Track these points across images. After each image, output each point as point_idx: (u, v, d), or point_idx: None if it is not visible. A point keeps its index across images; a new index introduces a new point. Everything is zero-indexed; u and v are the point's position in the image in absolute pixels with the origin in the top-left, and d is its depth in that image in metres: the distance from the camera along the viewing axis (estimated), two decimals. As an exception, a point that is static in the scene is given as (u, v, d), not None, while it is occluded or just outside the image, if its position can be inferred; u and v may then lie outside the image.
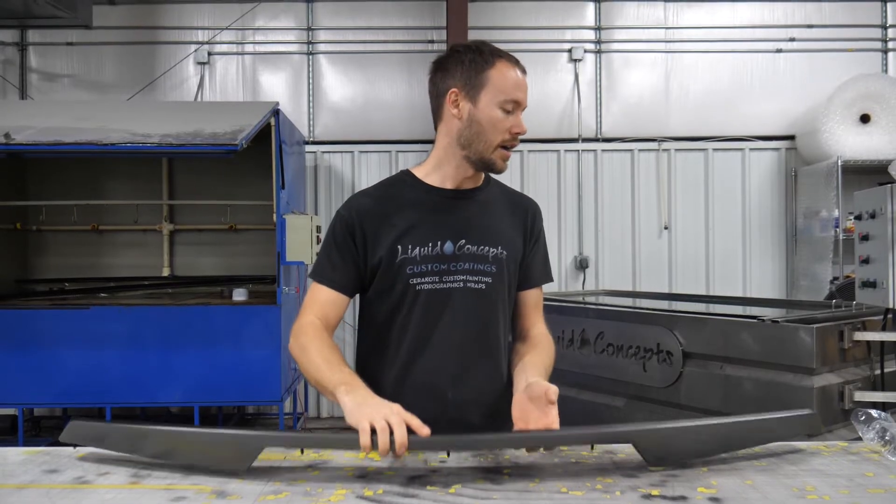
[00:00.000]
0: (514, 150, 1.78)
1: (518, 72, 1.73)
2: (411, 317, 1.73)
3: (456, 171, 1.77)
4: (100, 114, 5.64)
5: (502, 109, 1.69)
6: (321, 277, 1.76)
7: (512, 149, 1.74)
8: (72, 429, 1.51)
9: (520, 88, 1.72)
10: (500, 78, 1.70)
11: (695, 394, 3.39)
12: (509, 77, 1.71)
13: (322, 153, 6.85)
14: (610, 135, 6.89)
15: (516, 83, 1.71)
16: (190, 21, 6.88)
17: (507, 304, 1.82)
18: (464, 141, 1.73)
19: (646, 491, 1.26)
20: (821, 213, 6.26)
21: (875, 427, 1.51)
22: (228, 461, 1.38)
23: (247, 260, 6.60)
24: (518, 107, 1.72)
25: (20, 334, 5.11)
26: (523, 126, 1.72)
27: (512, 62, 1.74)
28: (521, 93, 1.72)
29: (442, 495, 1.25)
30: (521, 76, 1.73)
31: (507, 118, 1.70)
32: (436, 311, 1.72)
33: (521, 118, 1.72)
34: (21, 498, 1.26)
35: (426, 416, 1.72)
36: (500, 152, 1.72)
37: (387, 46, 6.87)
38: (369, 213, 1.74)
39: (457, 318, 1.72)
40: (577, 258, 6.76)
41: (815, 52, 6.85)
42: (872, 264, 3.27)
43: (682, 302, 4.88)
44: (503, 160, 1.74)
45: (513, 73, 1.72)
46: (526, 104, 1.73)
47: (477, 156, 1.73)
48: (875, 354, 3.20)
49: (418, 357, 1.72)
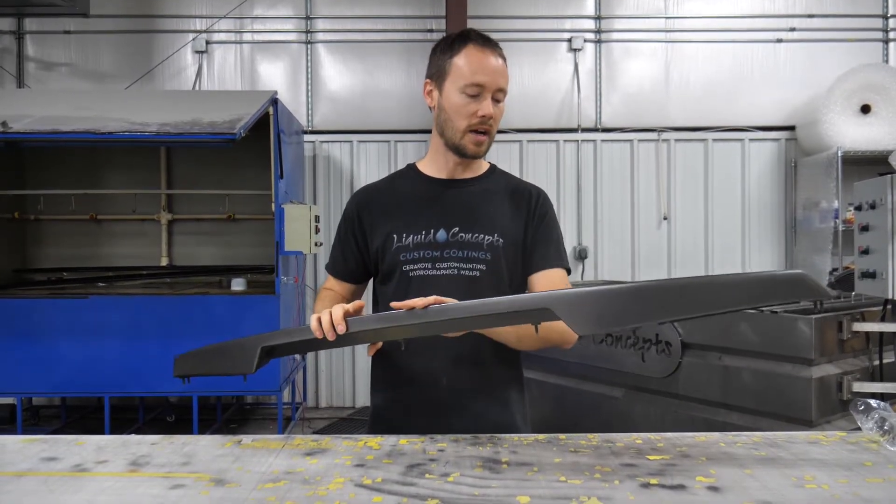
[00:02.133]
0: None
1: (485, 55, 1.71)
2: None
3: (445, 160, 1.82)
4: (97, 103, 5.63)
5: (465, 94, 1.70)
6: (329, 268, 1.93)
7: (486, 133, 1.73)
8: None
9: (483, 72, 1.69)
10: (463, 63, 1.71)
11: (693, 384, 3.40)
12: (472, 62, 1.70)
13: (321, 143, 6.83)
14: (609, 125, 6.87)
15: (479, 67, 1.70)
16: (188, 9, 6.84)
17: (510, 289, 1.79)
18: (440, 129, 1.79)
19: (644, 479, 1.26)
20: (820, 203, 6.25)
21: (874, 417, 1.51)
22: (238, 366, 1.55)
23: (245, 250, 6.60)
24: (483, 89, 1.69)
25: (18, 324, 5.11)
26: (489, 109, 1.70)
27: (481, 46, 1.72)
28: (485, 76, 1.69)
29: (440, 484, 1.25)
30: (488, 59, 1.71)
31: (472, 102, 1.70)
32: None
33: (488, 101, 1.70)
34: (19, 485, 1.26)
35: (422, 400, 1.76)
36: (471, 136, 1.73)
37: (386, 35, 6.84)
38: (368, 205, 1.84)
39: None
40: (577, 248, 6.76)
41: (815, 42, 6.83)
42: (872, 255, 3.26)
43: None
44: (475, 144, 1.74)
45: (477, 58, 1.71)
46: (496, 86, 1.70)
47: (450, 142, 1.76)
48: (874, 345, 3.20)
49: (413, 343, 1.73)
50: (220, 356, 1.62)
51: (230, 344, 1.60)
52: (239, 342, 1.58)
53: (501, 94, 1.73)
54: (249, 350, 1.55)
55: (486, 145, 1.76)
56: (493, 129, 1.75)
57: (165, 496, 1.20)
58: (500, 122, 1.80)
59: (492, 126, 1.74)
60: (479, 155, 1.78)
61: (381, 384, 1.85)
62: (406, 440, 1.53)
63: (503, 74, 1.72)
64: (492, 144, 1.80)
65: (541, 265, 1.80)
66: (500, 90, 1.72)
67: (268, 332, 1.59)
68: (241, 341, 1.58)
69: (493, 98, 1.71)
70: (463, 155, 1.77)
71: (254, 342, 1.56)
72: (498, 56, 1.73)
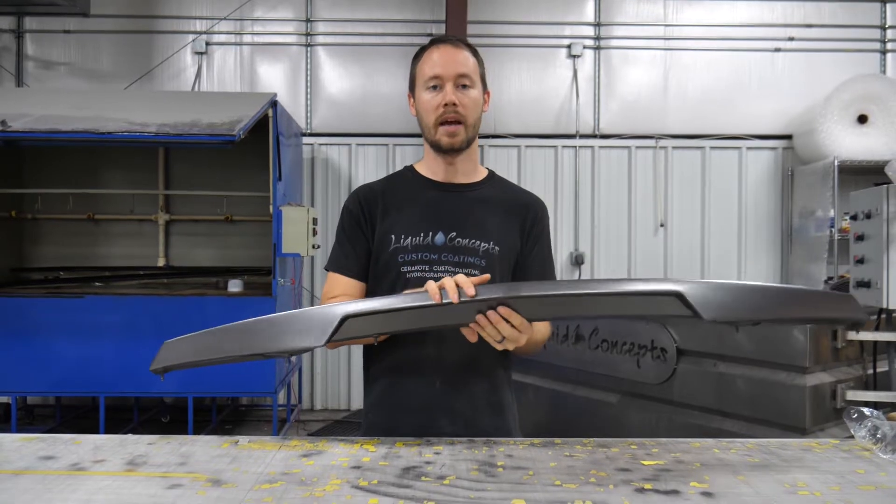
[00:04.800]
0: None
1: (441, 49, 1.75)
2: None
3: (436, 163, 1.84)
4: (97, 103, 5.63)
5: (429, 90, 1.74)
6: (336, 267, 1.84)
7: (457, 122, 1.73)
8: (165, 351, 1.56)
9: (437, 63, 1.73)
10: (423, 65, 1.77)
11: (688, 391, 3.41)
12: (429, 59, 1.75)
13: (319, 145, 6.84)
14: (607, 131, 6.90)
15: (435, 60, 1.74)
16: (188, 10, 6.85)
17: None
18: (422, 133, 1.82)
19: (639, 485, 1.27)
20: (816, 212, 6.27)
21: (867, 425, 1.52)
22: (308, 337, 1.43)
23: (242, 251, 6.60)
24: (442, 80, 1.72)
25: (14, 323, 5.10)
26: (450, 95, 1.71)
27: (438, 45, 1.76)
28: (440, 66, 1.73)
29: (437, 486, 1.26)
30: (443, 52, 1.74)
31: (435, 96, 1.73)
32: None
33: (449, 89, 1.72)
34: (16, 484, 1.27)
35: (415, 403, 1.76)
36: (442, 129, 1.74)
37: (385, 39, 6.86)
38: (371, 201, 1.83)
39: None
40: (573, 254, 6.77)
41: (813, 51, 6.86)
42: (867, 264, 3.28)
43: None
44: (448, 136, 1.75)
45: (433, 54, 1.75)
46: (454, 73, 1.72)
47: (429, 141, 1.80)
48: (868, 354, 3.22)
49: (407, 346, 1.74)
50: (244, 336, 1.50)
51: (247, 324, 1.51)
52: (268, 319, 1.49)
53: (466, 80, 1.74)
54: (315, 320, 1.44)
55: (461, 135, 1.75)
56: (468, 117, 1.74)
57: (162, 496, 1.21)
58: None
59: (461, 113, 1.73)
60: (454, 146, 1.76)
61: (374, 385, 1.84)
62: (402, 443, 1.53)
63: (462, 63, 1.73)
64: (473, 137, 1.78)
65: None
66: (460, 76, 1.73)
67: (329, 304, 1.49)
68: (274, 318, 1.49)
69: (459, 84, 1.73)
70: (440, 150, 1.77)
71: (319, 314, 1.44)
72: (458, 48, 1.75)
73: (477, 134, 1.81)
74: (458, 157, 1.80)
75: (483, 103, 1.80)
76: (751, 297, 1.44)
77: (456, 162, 1.81)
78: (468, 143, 1.78)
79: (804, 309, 1.48)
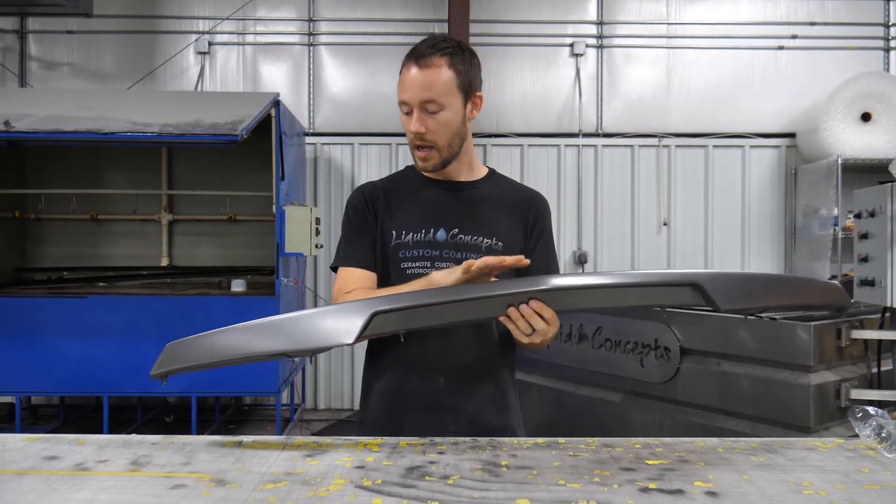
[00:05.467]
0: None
1: (409, 70, 1.70)
2: None
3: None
4: (100, 103, 5.64)
5: (402, 112, 1.74)
6: (347, 261, 1.82)
7: (424, 148, 1.72)
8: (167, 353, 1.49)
9: (403, 88, 1.71)
10: (399, 84, 1.74)
11: (692, 390, 3.40)
12: (401, 80, 1.72)
13: (322, 145, 6.84)
14: (610, 130, 6.89)
15: (403, 84, 1.71)
16: (191, 10, 6.85)
17: None
18: None
19: (643, 484, 1.26)
20: (820, 211, 6.26)
21: (871, 424, 1.51)
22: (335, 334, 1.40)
23: (245, 251, 6.60)
24: (409, 106, 1.70)
25: (18, 323, 5.11)
26: (415, 125, 1.69)
27: (408, 61, 1.72)
28: (404, 91, 1.70)
29: (441, 486, 1.26)
30: (409, 74, 1.70)
31: (407, 120, 1.72)
32: None
33: (415, 116, 1.69)
34: (20, 484, 1.27)
35: (419, 401, 1.75)
36: (416, 152, 1.75)
37: (388, 39, 6.85)
38: (374, 197, 1.84)
39: None
40: (576, 253, 6.77)
41: (816, 49, 6.85)
42: (871, 263, 3.27)
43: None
44: (421, 160, 1.76)
45: (403, 75, 1.72)
46: (418, 100, 1.68)
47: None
48: (872, 353, 3.21)
49: (410, 343, 1.73)
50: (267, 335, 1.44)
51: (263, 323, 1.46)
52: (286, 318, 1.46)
53: (432, 105, 1.68)
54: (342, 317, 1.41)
55: (434, 159, 1.74)
56: (438, 140, 1.72)
57: (166, 496, 1.21)
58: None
59: (428, 140, 1.71)
60: (427, 169, 1.77)
61: (375, 382, 1.84)
62: (406, 442, 1.53)
63: (427, 86, 1.67)
64: (450, 156, 1.76)
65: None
66: (426, 102, 1.68)
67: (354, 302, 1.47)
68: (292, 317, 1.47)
69: (426, 110, 1.69)
70: (419, 169, 1.80)
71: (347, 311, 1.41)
72: (424, 67, 1.68)
73: (460, 146, 1.78)
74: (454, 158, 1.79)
75: (465, 115, 1.75)
76: (760, 286, 1.54)
77: (451, 168, 1.81)
78: (444, 163, 1.76)
79: (802, 296, 1.62)
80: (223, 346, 1.45)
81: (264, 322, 1.45)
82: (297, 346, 1.44)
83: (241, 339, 1.45)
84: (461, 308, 1.44)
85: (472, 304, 1.44)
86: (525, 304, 1.45)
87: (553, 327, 1.50)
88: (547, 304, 1.46)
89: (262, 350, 1.44)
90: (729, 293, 1.44)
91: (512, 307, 1.46)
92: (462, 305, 1.44)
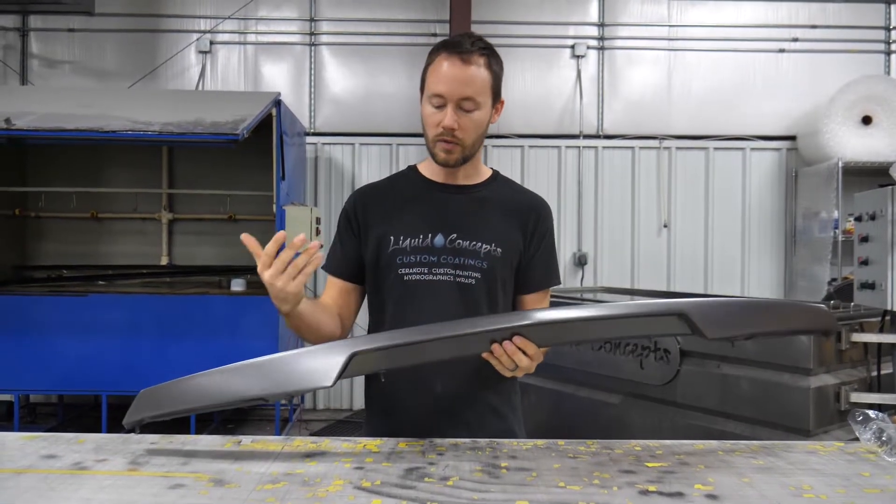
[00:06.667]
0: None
1: (451, 63, 1.65)
2: (399, 307, 1.74)
3: (436, 165, 1.79)
4: (101, 101, 5.63)
5: (431, 105, 1.68)
6: (328, 267, 1.84)
7: (452, 142, 1.69)
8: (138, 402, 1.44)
9: (443, 81, 1.65)
10: (431, 74, 1.69)
11: (691, 392, 3.40)
12: (437, 71, 1.67)
13: (323, 145, 6.84)
14: (611, 132, 6.89)
15: (440, 76, 1.66)
16: (192, 9, 6.86)
17: (502, 301, 1.78)
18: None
19: (643, 486, 1.26)
20: (820, 213, 6.26)
21: (872, 428, 1.51)
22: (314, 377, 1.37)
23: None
24: (445, 100, 1.65)
25: (17, 320, 5.11)
26: (449, 120, 1.65)
27: (448, 54, 1.66)
28: (444, 85, 1.65)
29: (440, 487, 1.25)
30: (451, 68, 1.65)
31: (436, 113, 1.67)
32: (423, 303, 1.72)
33: (450, 111, 1.65)
34: (19, 483, 1.26)
35: (416, 408, 1.74)
36: (440, 145, 1.70)
37: (389, 39, 6.86)
38: (367, 204, 1.81)
39: (442, 312, 1.67)
40: (576, 254, 6.76)
41: (817, 52, 6.85)
42: (871, 266, 3.27)
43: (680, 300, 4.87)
44: (444, 152, 1.70)
45: (442, 67, 1.66)
46: (458, 96, 1.64)
47: (428, 149, 1.76)
48: (872, 356, 3.21)
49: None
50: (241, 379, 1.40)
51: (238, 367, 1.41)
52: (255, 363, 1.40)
53: (469, 104, 1.66)
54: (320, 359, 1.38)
55: (456, 154, 1.71)
56: (466, 139, 1.69)
57: (165, 496, 1.21)
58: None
59: (458, 137, 1.68)
60: (449, 163, 1.73)
61: (374, 389, 1.82)
62: (405, 443, 1.53)
63: (468, 82, 1.65)
64: (471, 154, 1.74)
65: (534, 287, 1.82)
66: (465, 99, 1.65)
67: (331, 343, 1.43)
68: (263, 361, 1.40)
69: (462, 108, 1.66)
70: (436, 161, 1.75)
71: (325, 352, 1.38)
72: (467, 63, 1.65)
73: (479, 148, 1.78)
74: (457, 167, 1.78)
75: (490, 118, 1.74)
76: (746, 313, 1.53)
77: (456, 169, 1.79)
78: (464, 160, 1.74)
79: (789, 322, 1.61)
80: (199, 392, 1.42)
81: (241, 366, 1.41)
82: (275, 390, 1.41)
83: (218, 384, 1.41)
84: (443, 346, 1.43)
85: (454, 342, 1.42)
86: (508, 339, 1.43)
87: (536, 362, 1.49)
88: (530, 339, 1.43)
89: (239, 395, 1.40)
90: (715, 321, 1.44)
91: (496, 343, 1.44)
92: (443, 343, 1.42)
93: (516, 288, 1.81)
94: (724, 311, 1.50)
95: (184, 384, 1.43)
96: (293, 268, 1.47)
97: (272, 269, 1.48)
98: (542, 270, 1.82)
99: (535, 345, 1.44)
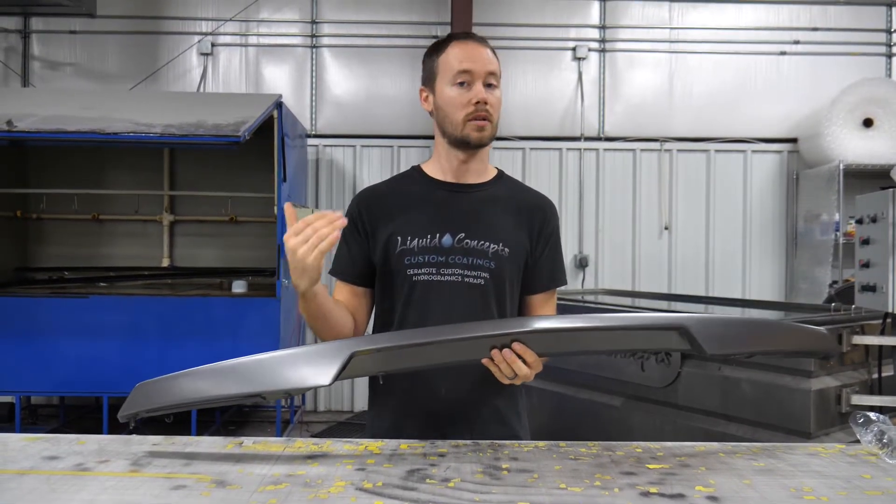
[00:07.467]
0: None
1: (470, 45, 1.73)
2: (408, 308, 1.73)
3: (448, 162, 1.80)
4: (103, 103, 5.64)
5: (456, 85, 1.70)
6: (334, 271, 1.82)
7: (483, 119, 1.70)
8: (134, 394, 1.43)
9: (468, 59, 1.70)
10: (449, 59, 1.73)
11: (693, 394, 3.39)
12: (458, 53, 1.72)
13: (324, 147, 6.85)
14: (612, 134, 6.89)
15: (465, 56, 1.71)
16: (194, 12, 6.87)
17: (509, 301, 1.78)
18: (440, 129, 1.78)
19: (644, 488, 1.26)
20: (821, 216, 6.26)
21: (873, 430, 1.51)
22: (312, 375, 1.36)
23: (247, 252, 6.61)
24: (473, 76, 1.69)
25: (19, 322, 5.11)
26: (482, 93, 1.69)
27: (464, 40, 1.75)
28: (471, 62, 1.70)
29: (441, 489, 1.25)
30: (473, 49, 1.72)
31: (465, 92, 1.70)
32: (431, 304, 1.71)
33: (480, 86, 1.69)
34: (21, 484, 1.27)
35: (422, 410, 1.73)
36: (471, 124, 1.71)
37: (391, 41, 6.87)
38: (373, 205, 1.79)
39: (452, 312, 1.69)
40: (577, 257, 6.76)
41: (819, 55, 6.85)
42: (872, 268, 3.28)
43: (681, 303, 4.88)
44: (477, 130, 1.71)
45: (460, 49, 1.72)
46: (485, 71, 1.70)
47: (452, 137, 1.75)
48: (873, 358, 3.20)
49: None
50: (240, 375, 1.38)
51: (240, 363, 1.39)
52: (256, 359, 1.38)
53: (494, 79, 1.72)
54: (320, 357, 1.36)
55: (488, 131, 1.73)
56: (494, 116, 1.73)
57: (167, 497, 1.21)
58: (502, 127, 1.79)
59: (489, 112, 1.71)
60: (483, 142, 1.74)
61: (378, 393, 1.82)
62: (407, 445, 1.53)
63: (491, 61, 1.72)
64: (495, 133, 1.77)
65: (540, 287, 1.83)
66: (490, 74, 1.71)
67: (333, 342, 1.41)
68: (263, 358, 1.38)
69: (486, 84, 1.71)
70: (468, 146, 1.74)
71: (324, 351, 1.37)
72: (483, 46, 1.73)
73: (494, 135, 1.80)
74: (476, 155, 1.79)
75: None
76: (747, 332, 1.56)
77: (471, 160, 1.79)
78: (491, 139, 1.77)
79: (789, 342, 1.63)
80: (196, 387, 1.40)
81: (239, 362, 1.40)
82: (272, 388, 1.39)
83: (215, 379, 1.40)
84: (443, 349, 1.42)
85: (455, 346, 1.42)
86: (507, 346, 1.43)
87: (535, 371, 1.48)
88: (530, 346, 1.43)
89: (236, 391, 1.39)
90: (715, 338, 1.44)
91: (495, 349, 1.44)
92: (444, 347, 1.42)
93: (523, 288, 1.81)
94: (726, 329, 1.50)
95: (180, 379, 1.42)
96: (316, 236, 1.46)
97: (299, 237, 1.47)
98: (548, 271, 1.82)
99: (534, 353, 1.44)
